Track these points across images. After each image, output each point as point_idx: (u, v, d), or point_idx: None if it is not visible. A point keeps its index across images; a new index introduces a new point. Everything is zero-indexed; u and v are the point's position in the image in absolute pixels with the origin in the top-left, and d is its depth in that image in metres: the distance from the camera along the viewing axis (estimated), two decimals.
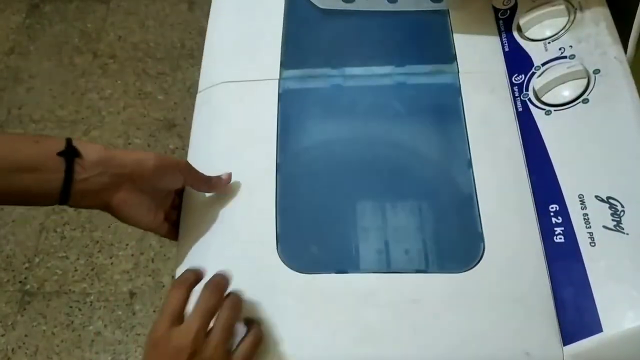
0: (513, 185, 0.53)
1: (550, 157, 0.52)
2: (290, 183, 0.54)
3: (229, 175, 0.53)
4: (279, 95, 0.59)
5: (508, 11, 0.63)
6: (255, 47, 0.64)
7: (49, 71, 1.67)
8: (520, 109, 0.57)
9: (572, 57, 0.56)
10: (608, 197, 0.48)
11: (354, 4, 0.65)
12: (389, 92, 0.59)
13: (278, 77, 0.61)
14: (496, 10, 0.64)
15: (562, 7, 0.58)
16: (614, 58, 0.53)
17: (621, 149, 0.49)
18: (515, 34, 0.61)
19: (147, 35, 1.73)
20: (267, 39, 0.64)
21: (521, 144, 0.55)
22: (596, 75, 0.53)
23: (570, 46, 0.56)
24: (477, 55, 0.61)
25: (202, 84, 0.63)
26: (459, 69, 0.60)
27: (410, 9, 0.64)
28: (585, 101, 0.53)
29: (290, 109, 0.59)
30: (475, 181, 0.53)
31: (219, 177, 0.52)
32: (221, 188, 0.53)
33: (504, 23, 0.62)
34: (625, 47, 0.54)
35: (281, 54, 0.62)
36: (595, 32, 0.56)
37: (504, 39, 0.61)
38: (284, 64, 0.62)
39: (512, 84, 0.58)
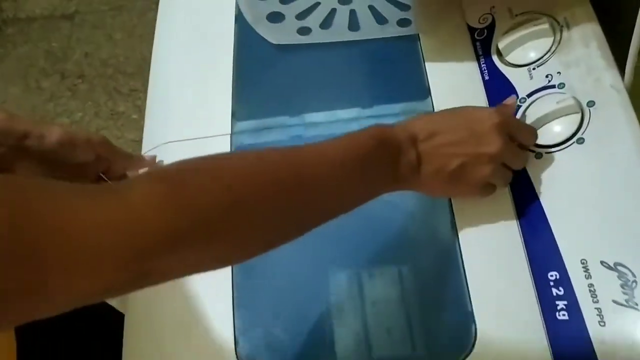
0: (504, 248, 0.45)
1: (545, 211, 0.45)
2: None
3: (154, 158, 0.52)
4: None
5: (485, 31, 0.55)
6: (201, 97, 0.56)
7: (16, 97, 1.59)
8: None
9: (562, 85, 0.48)
10: (616, 264, 0.40)
11: (310, 36, 0.57)
12: None
13: (230, 131, 0.53)
14: (472, 30, 0.56)
15: (546, 26, 0.50)
16: (610, 86, 0.46)
17: (627, 201, 0.42)
18: (495, 59, 0.53)
19: (115, 50, 1.64)
20: (215, 86, 0.56)
21: (510, 196, 0.47)
22: (591, 109, 0.46)
23: (559, 72, 0.48)
24: (454, 88, 0.53)
25: (144, 146, 0.55)
26: (434, 106, 0.52)
27: (375, 37, 0.56)
28: (580, 141, 0.45)
29: None
30: (461, 246, 0.46)
31: (141, 155, 0.52)
32: (142, 166, 0.51)
33: (482, 45, 0.54)
34: (621, 71, 0.46)
35: (232, 103, 0.54)
36: (586, 55, 0.48)
37: (482, 65, 0.54)
38: (236, 115, 0.54)
39: None
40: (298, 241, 0.47)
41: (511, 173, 0.45)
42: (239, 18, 0.59)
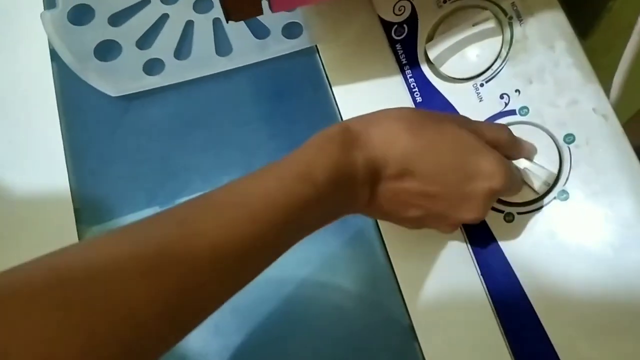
0: (485, 358, 0.34)
1: (529, 298, 0.33)
2: None
3: None
4: None
5: (405, 27, 0.39)
6: (32, 196, 0.39)
7: None
8: None
9: (524, 111, 0.34)
10: None
11: (163, 75, 0.40)
12: None
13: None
14: (386, 27, 0.40)
15: (490, 23, 0.35)
16: (592, 111, 0.33)
17: (631, 281, 0.31)
18: (426, 70, 0.38)
19: None
20: (45, 179, 0.39)
21: (480, 278, 0.35)
22: (570, 146, 0.33)
23: (517, 91, 0.35)
24: None
25: None
26: None
27: (254, 60, 0.40)
28: (563, 196, 0.33)
29: None
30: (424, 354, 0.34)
31: None
32: None
33: (404, 50, 0.39)
34: (603, 83, 0.33)
35: (73, 201, 0.38)
36: (552, 61, 0.34)
37: (410, 81, 0.39)
38: (82, 220, 0.38)
39: None
40: None
41: None
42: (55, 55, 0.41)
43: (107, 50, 0.41)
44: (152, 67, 0.40)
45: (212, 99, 0.40)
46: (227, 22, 0.31)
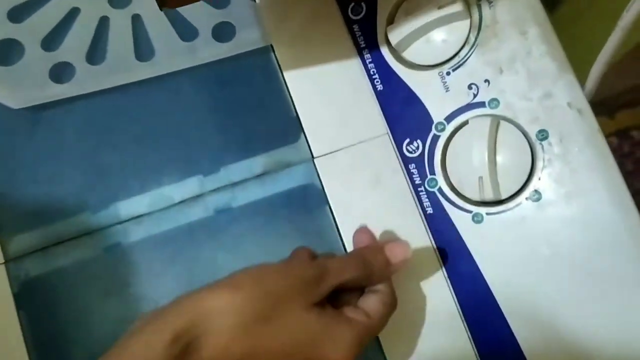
0: (447, 350, 0.33)
1: (498, 301, 0.32)
2: None
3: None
4: (15, 295, 0.33)
5: (363, 5, 0.36)
6: None
7: None
8: (429, 210, 0.34)
9: (494, 104, 0.32)
10: None
11: (73, 83, 0.34)
12: (207, 231, 0.34)
13: (2, 259, 0.33)
14: (342, 5, 0.36)
15: (459, 7, 0.32)
16: (567, 105, 0.30)
17: (613, 288, 0.29)
18: (387, 55, 0.35)
19: None
20: None
21: (447, 281, 0.33)
22: (543, 143, 0.31)
23: (486, 81, 0.32)
24: (335, 113, 0.35)
25: None
26: (312, 151, 0.34)
27: (180, 67, 0.35)
28: (535, 196, 0.31)
29: (43, 315, 0.33)
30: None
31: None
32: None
33: (362, 31, 0.36)
34: (578, 73, 0.31)
35: None
36: (524, 50, 0.31)
37: (370, 67, 0.35)
38: (4, 227, 0.33)
39: (404, 160, 0.34)
40: None
41: None
42: None
43: (6, 52, 0.34)
44: (61, 72, 0.34)
45: (139, 105, 0.35)
46: (161, 10, 0.26)
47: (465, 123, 0.32)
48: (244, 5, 0.35)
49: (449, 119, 0.33)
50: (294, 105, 0.35)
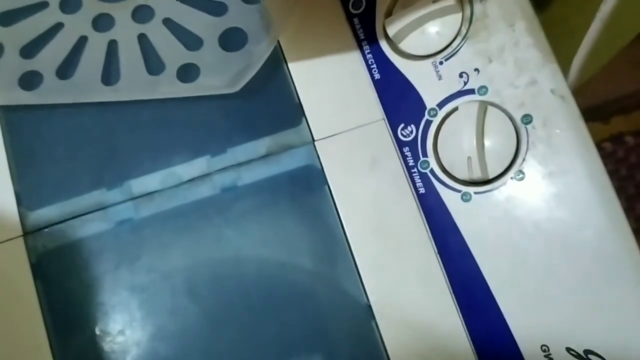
0: (438, 330, 0.35)
1: (485, 276, 0.34)
2: None
3: None
4: (32, 265, 0.35)
5: (363, 1, 0.38)
6: None
7: None
8: (421, 190, 0.36)
9: (483, 91, 0.34)
10: (586, 352, 0.31)
11: (38, 93, 0.37)
12: (214, 208, 0.36)
13: (20, 232, 0.35)
14: (344, 1, 0.39)
15: (452, 0, 0.35)
16: (550, 92, 0.33)
17: (592, 262, 0.31)
18: (384, 46, 0.37)
19: None
20: None
21: (437, 257, 0.35)
22: (528, 127, 0.33)
23: (476, 70, 0.35)
24: (335, 99, 0.38)
25: None
26: (313, 134, 0.37)
27: (140, 98, 0.37)
28: (519, 176, 0.33)
29: (59, 284, 0.35)
30: (383, 339, 0.34)
31: None
32: None
33: (362, 24, 0.38)
34: (562, 64, 0.33)
35: (14, 184, 0.36)
36: (512, 41, 0.34)
37: (368, 57, 0.38)
38: (24, 204, 0.36)
39: (399, 143, 0.37)
40: None
41: None
42: None
43: None
44: (30, 80, 0.37)
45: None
46: None
47: (456, 109, 0.35)
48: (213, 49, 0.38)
49: (441, 105, 0.35)
50: (296, 93, 0.38)
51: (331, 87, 0.38)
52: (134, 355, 0.34)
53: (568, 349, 0.31)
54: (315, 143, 0.37)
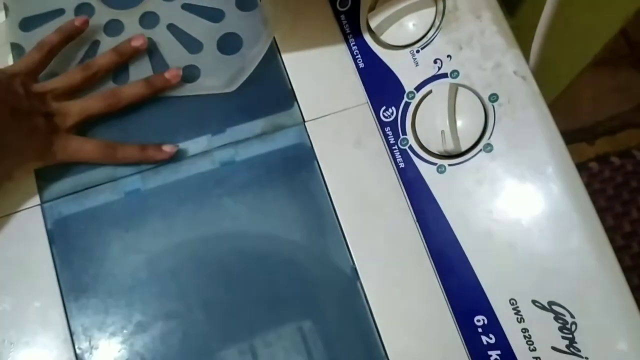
0: (418, 291, 0.38)
1: (459, 240, 0.37)
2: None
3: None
4: (48, 231, 0.38)
5: (349, 0, 0.43)
6: None
7: None
8: (401, 165, 0.40)
9: (455, 74, 0.38)
10: (550, 303, 0.34)
11: None
12: (213, 181, 0.40)
13: (39, 200, 0.39)
14: (331, 0, 0.43)
15: None
16: (513, 73, 0.37)
17: (553, 224, 0.35)
18: (368, 39, 0.42)
19: None
20: None
21: (416, 225, 0.39)
22: (494, 104, 0.37)
23: (449, 56, 0.39)
24: (324, 86, 0.42)
25: None
26: (304, 116, 0.41)
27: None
28: (488, 148, 0.37)
29: (72, 248, 0.38)
30: (367, 295, 0.38)
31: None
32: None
33: (348, 20, 0.43)
34: (524, 50, 0.38)
35: None
36: (479, 30, 0.38)
37: (353, 49, 0.42)
38: (42, 177, 0.39)
39: (381, 124, 0.41)
40: (166, 324, 0.37)
41: None
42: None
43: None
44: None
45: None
46: None
47: (431, 91, 0.39)
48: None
49: (418, 88, 0.39)
50: (289, 80, 0.42)
51: (320, 75, 0.42)
52: (141, 310, 0.37)
53: (534, 302, 0.35)
54: (306, 124, 0.41)
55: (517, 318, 0.35)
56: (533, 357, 0.34)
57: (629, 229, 1.30)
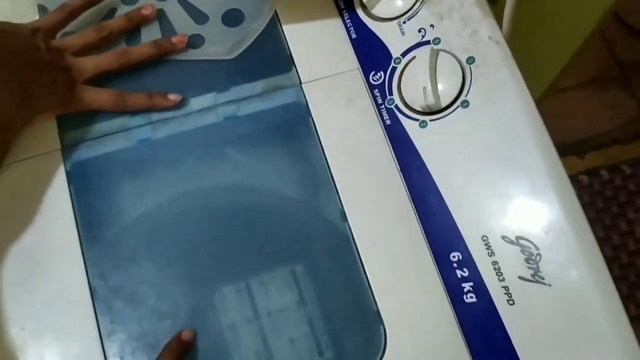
0: (401, 233, 0.42)
1: (438, 186, 0.41)
2: (112, 295, 0.40)
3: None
4: (67, 172, 0.42)
5: None
6: None
7: None
8: (388, 122, 0.44)
9: (437, 41, 0.43)
10: (517, 238, 0.38)
11: None
12: (217, 133, 0.44)
13: (59, 145, 0.43)
14: None
15: None
16: (488, 39, 0.41)
17: (520, 169, 0.39)
18: (360, 13, 0.47)
19: None
20: None
21: (400, 174, 0.43)
22: (471, 66, 0.42)
23: (432, 26, 0.43)
24: (319, 53, 0.46)
25: None
26: (301, 79, 0.45)
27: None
28: (465, 104, 0.41)
29: (88, 188, 0.42)
30: (355, 238, 0.41)
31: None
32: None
33: None
34: (498, 20, 0.42)
35: None
36: (458, 3, 0.43)
37: (347, 21, 0.47)
38: (63, 124, 0.44)
39: (370, 86, 0.45)
40: (174, 265, 0.40)
41: None
42: None
43: None
44: None
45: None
46: None
47: (415, 57, 0.43)
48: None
49: (404, 54, 0.44)
50: (288, 47, 0.46)
51: (316, 43, 0.47)
52: (147, 244, 0.41)
53: (503, 237, 0.39)
54: (302, 85, 0.45)
55: (488, 252, 0.39)
56: (502, 287, 0.38)
57: (618, 241, 1.33)
